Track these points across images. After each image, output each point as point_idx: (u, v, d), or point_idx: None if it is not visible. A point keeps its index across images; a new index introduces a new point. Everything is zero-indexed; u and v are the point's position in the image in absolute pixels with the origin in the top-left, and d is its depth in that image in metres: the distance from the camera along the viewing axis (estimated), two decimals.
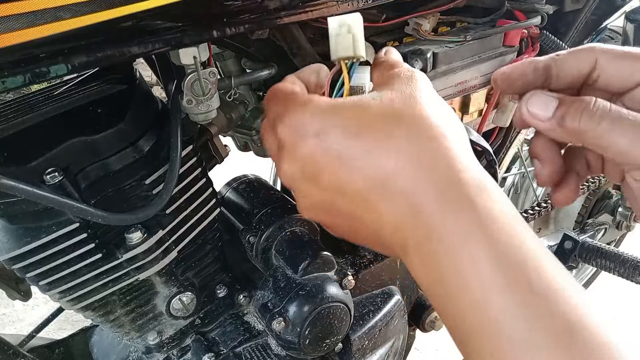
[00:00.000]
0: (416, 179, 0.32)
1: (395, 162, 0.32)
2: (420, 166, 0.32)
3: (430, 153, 0.32)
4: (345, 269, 0.73)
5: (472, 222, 0.30)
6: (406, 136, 0.33)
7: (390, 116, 0.33)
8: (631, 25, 1.09)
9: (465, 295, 0.29)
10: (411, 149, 0.32)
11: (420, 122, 0.33)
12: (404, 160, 0.32)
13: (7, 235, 0.47)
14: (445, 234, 0.30)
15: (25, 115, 0.48)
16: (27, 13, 0.34)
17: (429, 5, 0.72)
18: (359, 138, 0.33)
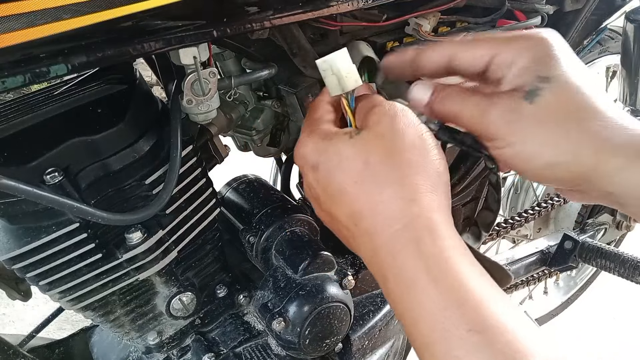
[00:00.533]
0: (374, 218, 0.37)
1: (363, 204, 0.38)
2: (380, 209, 0.37)
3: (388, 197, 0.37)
4: (345, 269, 0.73)
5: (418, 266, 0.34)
6: (370, 180, 0.37)
7: (362, 157, 0.38)
8: (631, 25, 1.09)
9: (417, 332, 0.35)
10: (373, 194, 0.37)
11: (382, 167, 0.37)
12: (368, 203, 0.37)
13: (7, 235, 0.47)
14: (397, 275, 0.36)
15: (25, 115, 0.48)
16: (27, 13, 0.34)
17: (429, 5, 0.72)
18: (337, 177, 0.39)
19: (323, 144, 0.40)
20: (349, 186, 0.38)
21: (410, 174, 0.37)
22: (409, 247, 0.35)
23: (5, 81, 0.36)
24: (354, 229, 0.39)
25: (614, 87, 1.36)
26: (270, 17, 0.48)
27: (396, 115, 0.39)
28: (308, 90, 0.70)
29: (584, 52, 1.21)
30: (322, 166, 0.40)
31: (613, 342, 1.68)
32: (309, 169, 0.41)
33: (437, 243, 0.35)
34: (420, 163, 0.37)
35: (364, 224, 0.38)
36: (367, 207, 0.37)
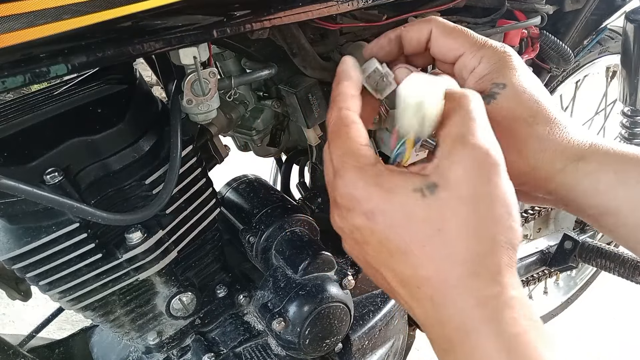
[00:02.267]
0: (446, 291, 0.33)
1: (430, 271, 0.34)
2: (446, 285, 0.33)
3: (463, 273, 0.33)
4: (345, 269, 0.73)
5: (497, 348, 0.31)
6: (442, 249, 0.33)
7: (434, 224, 0.33)
8: (631, 25, 1.09)
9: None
10: (446, 264, 0.33)
11: (460, 238, 0.33)
12: (438, 272, 0.33)
13: (7, 235, 0.47)
14: (469, 353, 0.32)
15: (25, 115, 0.48)
16: (27, 13, 0.34)
17: (429, 5, 0.72)
18: (400, 235, 0.34)
19: (384, 194, 0.35)
20: (415, 249, 0.34)
21: (491, 251, 0.33)
22: (486, 327, 0.32)
23: (5, 81, 0.36)
24: (413, 290, 0.35)
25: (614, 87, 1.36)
26: (270, 17, 0.48)
27: (482, 173, 0.33)
28: (308, 90, 0.70)
29: (584, 52, 1.21)
30: (381, 217, 0.35)
31: (613, 342, 1.68)
32: (359, 213, 0.36)
33: (519, 323, 0.32)
34: (502, 239, 0.33)
35: (429, 291, 0.34)
36: (436, 277, 0.33)
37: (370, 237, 0.36)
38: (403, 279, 0.35)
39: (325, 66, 0.69)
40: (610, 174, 0.38)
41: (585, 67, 1.28)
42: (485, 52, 0.41)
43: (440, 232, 0.33)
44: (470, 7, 0.83)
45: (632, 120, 1.25)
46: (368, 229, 0.36)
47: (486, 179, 0.33)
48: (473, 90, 0.37)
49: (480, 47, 0.41)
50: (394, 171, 0.36)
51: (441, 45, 0.43)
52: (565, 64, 0.96)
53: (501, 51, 0.41)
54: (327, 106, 0.73)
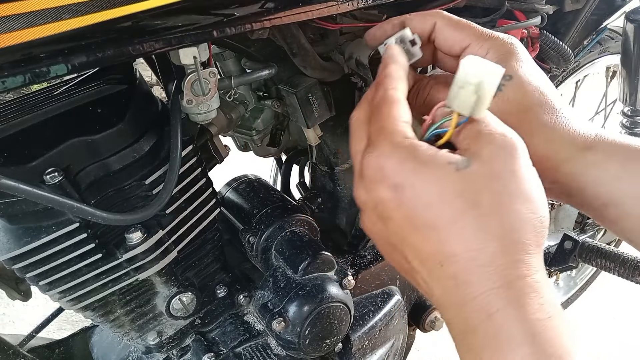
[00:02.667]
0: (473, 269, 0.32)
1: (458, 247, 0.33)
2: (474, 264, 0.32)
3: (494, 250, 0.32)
4: (345, 269, 0.73)
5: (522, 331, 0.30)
6: (474, 225, 0.32)
7: (468, 197, 0.33)
8: (631, 25, 1.09)
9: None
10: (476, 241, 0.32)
11: (493, 214, 0.32)
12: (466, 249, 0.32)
13: (7, 235, 0.47)
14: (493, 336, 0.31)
15: (25, 115, 0.48)
16: (27, 13, 0.34)
17: (429, 5, 0.72)
18: (429, 210, 0.33)
19: (417, 166, 0.34)
20: (445, 224, 0.33)
21: (521, 229, 0.33)
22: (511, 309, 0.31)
23: (5, 81, 0.36)
24: (433, 268, 0.34)
25: (614, 87, 1.36)
26: (270, 17, 0.48)
27: (515, 153, 0.34)
28: (308, 90, 0.69)
29: (584, 52, 1.21)
30: (411, 191, 0.34)
31: (613, 342, 1.68)
32: (387, 186, 0.35)
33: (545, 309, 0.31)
34: (531, 219, 0.33)
35: (453, 269, 0.33)
36: (464, 254, 0.32)
37: (395, 212, 0.35)
38: (425, 256, 0.34)
39: (325, 66, 0.69)
40: (616, 164, 0.38)
41: (585, 67, 1.28)
42: (492, 43, 0.42)
43: (474, 207, 0.32)
44: (470, 7, 0.82)
45: (632, 120, 1.25)
46: (395, 203, 0.35)
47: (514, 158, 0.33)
48: None
49: (486, 38, 0.42)
50: (429, 147, 0.35)
51: (447, 37, 0.43)
52: (565, 64, 0.96)
53: (508, 42, 0.42)
54: (327, 106, 0.73)
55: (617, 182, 0.38)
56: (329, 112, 0.73)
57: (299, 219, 0.70)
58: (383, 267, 0.81)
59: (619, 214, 0.39)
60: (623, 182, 0.38)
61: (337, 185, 0.88)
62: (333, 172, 0.86)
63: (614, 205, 0.39)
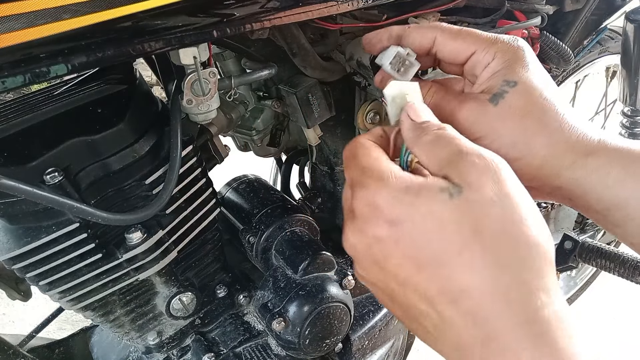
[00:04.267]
0: (491, 304, 0.30)
1: (469, 281, 0.30)
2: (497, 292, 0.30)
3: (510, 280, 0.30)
4: (345, 269, 0.73)
5: None
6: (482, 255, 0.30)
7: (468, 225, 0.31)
8: (631, 25, 1.09)
9: None
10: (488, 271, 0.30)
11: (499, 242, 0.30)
12: (479, 281, 0.30)
13: (7, 235, 0.47)
14: None
15: (25, 115, 0.48)
16: (27, 13, 0.34)
17: (429, 5, 0.72)
18: (431, 243, 0.31)
19: (408, 198, 0.32)
20: (451, 258, 0.31)
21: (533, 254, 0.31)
22: (540, 345, 0.29)
23: (5, 81, 0.36)
24: (445, 308, 0.31)
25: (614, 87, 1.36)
26: (270, 17, 0.48)
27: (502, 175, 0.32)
28: (308, 90, 0.70)
29: (584, 52, 1.21)
30: (408, 226, 0.32)
31: (613, 342, 1.68)
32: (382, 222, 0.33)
33: (573, 342, 0.29)
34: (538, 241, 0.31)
35: (468, 305, 0.30)
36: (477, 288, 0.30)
37: (394, 250, 0.33)
38: (433, 295, 0.32)
39: (325, 66, 0.69)
40: (619, 168, 0.38)
41: (585, 67, 1.28)
42: (499, 47, 0.41)
43: (477, 236, 0.30)
44: (470, 7, 0.82)
45: (632, 120, 1.25)
46: (392, 240, 0.33)
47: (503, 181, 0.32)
48: None
49: (492, 42, 0.42)
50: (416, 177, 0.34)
51: (450, 49, 0.43)
52: (566, 64, 0.96)
53: (515, 46, 0.42)
54: (327, 106, 0.73)
55: (620, 186, 0.38)
56: (329, 112, 0.73)
57: (299, 219, 0.70)
58: None
59: (622, 218, 0.39)
60: (626, 186, 0.38)
61: (337, 185, 0.88)
62: (333, 172, 0.86)
63: (617, 209, 0.39)
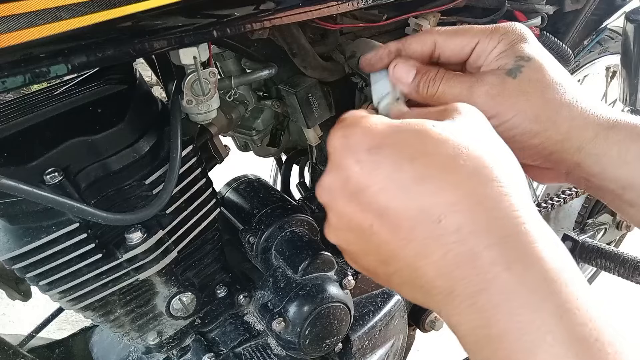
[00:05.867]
0: (476, 221, 0.29)
1: (453, 198, 0.29)
2: (481, 208, 0.29)
3: (492, 197, 0.29)
4: (345, 269, 0.73)
5: (540, 285, 0.27)
6: (466, 174, 0.30)
7: (451, 148, 0.30)
8: (631, 25, 1.09)
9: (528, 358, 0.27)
10: (472, 189, 0.29)
11: (481, 162, 0.31)
12: (463, 198, 0.29)
13: (7, 235, 0.47)
14: (511, 290, 0.28)
15: (25, 115, 0.48)
16: (27, 13, 0.34)
17: (430, 5, 0.72)
18: (414, 162, 0.30)
19: (387, 127, 0.32)
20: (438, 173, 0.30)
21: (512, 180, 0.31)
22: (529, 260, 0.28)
23: (5, 81, 0.36)
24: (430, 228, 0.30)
25: (614, 87, 1.36)
26: (270, 17, 0.48)
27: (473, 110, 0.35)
28: (308, 90, 0.70)
29: (584, 52, 1.21)
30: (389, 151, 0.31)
31: None
32: (361, 151, 0.32)
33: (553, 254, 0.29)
34: (517, 168, 0.33)
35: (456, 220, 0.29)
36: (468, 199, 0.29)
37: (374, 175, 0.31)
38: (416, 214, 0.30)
39: (325, 66, 0.69)
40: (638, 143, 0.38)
41: (585, 67, 1.28)
42: (502, 32, 0.42)
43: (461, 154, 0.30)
44: (470, 7, 0.83)
45: None
46: (372, 165, 0.31)
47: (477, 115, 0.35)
48: None
49: (493, 30, 0.42)
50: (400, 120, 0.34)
51: (453, 47, 0.43)
52: (565, 64, 0.96)
53: (518, 30, 0.42)
54: (327, 106, 0.73)
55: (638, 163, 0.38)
56: (329, 112, 0.73)
57: (299, 219, 0.70)
58: None
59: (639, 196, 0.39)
60: None
61: None
62: None
63: (633, 188, 0.39)
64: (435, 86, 0.42)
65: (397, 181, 0.30)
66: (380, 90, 0.44)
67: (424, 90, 0.43)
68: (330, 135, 0.35)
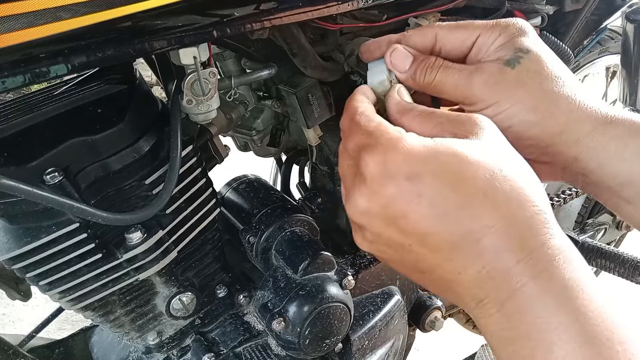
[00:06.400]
0: (512, 241, 0.32)
1: (492, 221, 0.32)
2: (517, 229, 0.32)
3: (527, 217, 0.32)
4: (345, 269, 0.73)
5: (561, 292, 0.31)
6: (503, 197, 0.32)
7: (487, 172, 0.32)
8: (631, 25, 1.09)
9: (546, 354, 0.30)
10: (508, 211, 0.32)
11: (515, 184, 0.33)
12: (501, 220, 0.32)
13: (7, 235, 0.47)
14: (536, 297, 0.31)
15: (25, 115, 0.48)
16: (27, 13, 0.34)
17: (429, 5, 0.72)
18: (454, 190, 0.32)
19: (425, 152, 0.33)
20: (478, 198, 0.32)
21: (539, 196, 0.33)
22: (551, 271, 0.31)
23: (5, 81, 0.36)
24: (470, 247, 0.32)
25: (614, 87, 1.36)
26: (270, 17, 0.48)
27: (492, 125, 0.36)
28: (308, 90, 0.70)
29: (584, 52, 1.21)
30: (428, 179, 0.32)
31: None
32: (400, 179, 0.33)
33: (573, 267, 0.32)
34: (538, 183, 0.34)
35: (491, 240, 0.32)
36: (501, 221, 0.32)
37: (415, 204, 0.32)
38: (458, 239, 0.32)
39: (325, 66, 0.69)
40: (636, 140, 0.39)
41: (585, 67, 1.28)
42: (503, 26, 0.42)
43: (496, 175, 0.32)
44: (470, 7, 0.83)
45: None
46: (413, 194, 0.32)
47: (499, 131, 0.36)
48: None
49: (494, 24, 0.42)
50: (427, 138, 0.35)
51: (454, 40, 0.43)
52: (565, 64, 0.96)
53: (518, 24, 0.42)
54: (327, 106, 0.73)
55: (636, 159, 0.39)
56: (329, 112, 0.73)
57: (299, 219, 0.70)
58: (383, 267, 0.81)
59: (636, 194, 0.39)
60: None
61: (337, 185, 0.88)
62: (333, 172, 0.86)
63: (631, 185, 0.39)
64: (432, 74, 0.42)
65: (439, 209, 0.32)
66: (375, 76, 0.44)
67: (420, 77, 0.42)
68: (365, 156, 0.35)
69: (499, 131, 0.36)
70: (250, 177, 0.81)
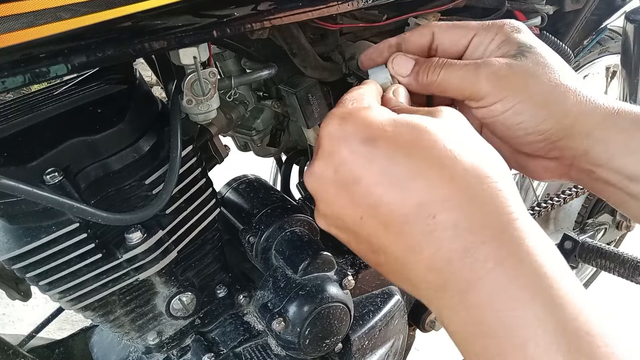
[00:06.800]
0: (471, 217, 0.29)
1: (448, 193, 0.29)
2: (476, 205, 0.29)
3: (487, 193, 0.30)
4: (345, 269, 0.73)
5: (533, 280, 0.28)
6: (462, 170, 0.30)
7: (447, 144, 0.31)
8: (631, 25, 1.09)
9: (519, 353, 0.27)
10: (467, 185, 0.30)
11: (475, 159, 0.31)
12: (458, 194, 0.29)
13: (7, 235, 0.47)
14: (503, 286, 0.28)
15: (25, 115, 0.48)
16: (27, 13, 0.34)
17: (429, 5, 0.72)
18: (408, 157, 0.30)
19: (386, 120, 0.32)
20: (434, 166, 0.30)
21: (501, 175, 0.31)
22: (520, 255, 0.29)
23: (5, 81, 0.36)
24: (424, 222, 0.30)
25: (614, 87, 1.36)
26: (270, 17, 0.48)
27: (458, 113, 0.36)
28: (308, 90, 0.70)
29: (584, 52, 1.21)
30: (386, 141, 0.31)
31: None
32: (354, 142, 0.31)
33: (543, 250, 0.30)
34: (503, 164, 0.33)
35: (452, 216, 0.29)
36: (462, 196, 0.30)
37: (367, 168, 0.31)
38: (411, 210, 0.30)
39: (325, 66, 0.69)
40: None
41: (585, 67, 1.28)
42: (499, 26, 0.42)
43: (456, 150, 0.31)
44: (470, 7, 0.83)
45: None
46: (365, 158, 0.31)
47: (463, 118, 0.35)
48: None
49: (490, 24, 0.43)
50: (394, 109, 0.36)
51: (450, 39, 0.44)
52: None
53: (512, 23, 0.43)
54: (327, 106, 0.73)
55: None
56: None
57: (299, 219, 0.70)
58: None
59: None
60: None
61: None
62: None
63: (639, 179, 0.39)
64: (435, 73, 0.41)
65: (392, 176, 0.30)
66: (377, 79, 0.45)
67: (423, 77, 0.42)
68: (326, 119, 0.34)
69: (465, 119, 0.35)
70: (250, 177, 0.81)
